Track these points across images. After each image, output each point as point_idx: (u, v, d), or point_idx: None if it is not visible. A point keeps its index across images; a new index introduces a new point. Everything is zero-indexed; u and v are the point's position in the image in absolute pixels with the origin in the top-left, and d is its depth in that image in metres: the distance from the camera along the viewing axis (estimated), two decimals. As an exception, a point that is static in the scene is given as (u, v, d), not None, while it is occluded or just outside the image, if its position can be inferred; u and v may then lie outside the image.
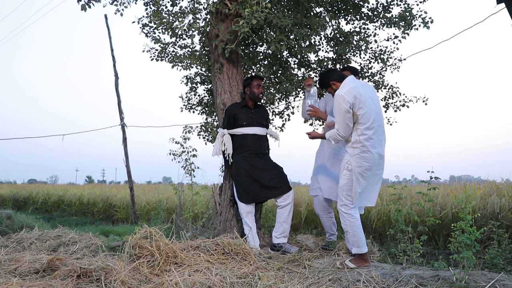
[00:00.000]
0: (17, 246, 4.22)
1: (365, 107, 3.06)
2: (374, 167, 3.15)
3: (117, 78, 9.49)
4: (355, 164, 3.11)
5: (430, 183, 3.62)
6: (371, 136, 3.09)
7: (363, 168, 3.11)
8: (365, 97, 3.08)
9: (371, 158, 3.10)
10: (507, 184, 6.21)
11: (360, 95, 3.06)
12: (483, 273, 2.74)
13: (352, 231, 3.14)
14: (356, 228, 3.13)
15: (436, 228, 5.25)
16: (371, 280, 2.78)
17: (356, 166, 3.11)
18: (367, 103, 3.08)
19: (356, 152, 3.12)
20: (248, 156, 3.92)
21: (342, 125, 3.11)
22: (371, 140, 3.10)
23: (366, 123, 3.08)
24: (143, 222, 7.21)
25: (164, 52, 5.35)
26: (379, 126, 3.16)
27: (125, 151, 9.28)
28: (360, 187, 3.15)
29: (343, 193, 3.20)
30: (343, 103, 3.04)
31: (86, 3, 3.98)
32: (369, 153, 3.09)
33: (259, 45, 5.14)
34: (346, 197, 3.18)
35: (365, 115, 3.07)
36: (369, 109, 3.08)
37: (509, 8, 3.44)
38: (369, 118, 3.08)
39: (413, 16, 4.70)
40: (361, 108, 3.05)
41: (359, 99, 3.05)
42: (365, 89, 3.16)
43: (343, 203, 3.19)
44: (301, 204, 6.98)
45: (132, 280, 2.92)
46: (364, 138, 3.09)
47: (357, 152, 3.11)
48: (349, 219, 3.16)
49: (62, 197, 13.76)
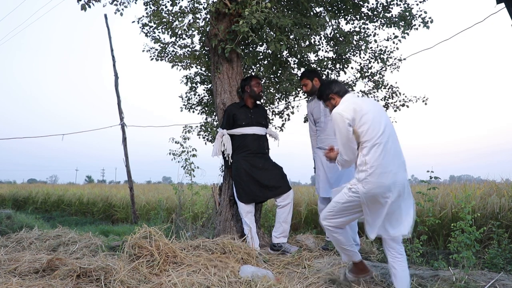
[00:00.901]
0: (17, 246, 4.21)
1: (368, 121, 2.54)
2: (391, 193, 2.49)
3: (117, 78, 9.49)
4: (363, 190, 2.51)
5: (430, 183, 3.62)
6: (381, 154, 2.50)
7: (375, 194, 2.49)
8: (366, 110, 2.57)
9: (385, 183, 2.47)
10: (507, 184, 6.20)
11: (360, 108, 2.58)
12: (482, 273, 2.74)
13: (335, 246, 2.79)
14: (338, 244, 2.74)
15: (436, 228, 5.25)
16: (371, 280, 2.78)
17: (364, 192, 2.51)
18: (371, 118, 2.56)
19: (363, 176, 2.52)
20: (247, 156, 3.91)
21: (344, 148, 2.61)
22: (380, 159, 2.49)
23: (371, 140, 2.52)
24: (142, 222, 7.21)
25: (164, 51, 5.35)
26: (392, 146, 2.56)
27: (125, 151, 9.28)
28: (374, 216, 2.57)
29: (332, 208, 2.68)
30: (341, 122, 2.57)
31: (86, 3, 3.97)
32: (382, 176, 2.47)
33: (259, 45, 5.14)
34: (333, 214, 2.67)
35: (369, 131, 2.53)
36: (374, 124, 2.54)
37: (508, 8, 3.44)
38: (374, 134, 2.53)
39: (413, 16, 4.70)
40: (364, 124, 2.54)
41: (359, 113, 2.55)
42: (367, 104, 2.66)
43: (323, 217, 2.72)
44: (301, 204, 6.98)
45: (132, 280, 2.92)
46: (372, 158, 2.50)
47: (364, 176, 2.51)
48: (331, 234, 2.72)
49: (62, 197, 13.76)
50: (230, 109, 4.04)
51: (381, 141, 2.52)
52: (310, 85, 3.96)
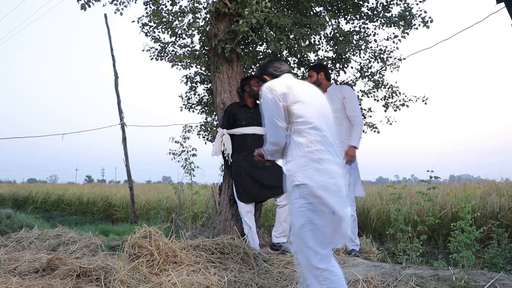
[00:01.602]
0: (17, 245, 4.21)
1: (306, 102, 2.10)
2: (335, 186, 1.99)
3: (117, 78, 9.48)
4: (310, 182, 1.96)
5: (429, 183, 3.62)
6: (320, 140, 2.04)
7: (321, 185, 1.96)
8: (305, 92, 2.15)
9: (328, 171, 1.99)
10: (507, 183, 6.22)
11: (296, 86, 2.16)
12: (482, 273, 2.74)
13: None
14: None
15: (435, 227, 5.26)
16: (371, 280, 2.78)
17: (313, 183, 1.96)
18: (309, 99, 2.13)
19: (302, 161, 2.01)
20: (247, 156, 3.91)
21: (270, 126, 2.14)
22: (320, 145, 2.03)
23: (310, 123, 2.07)
24: (142, 221, 7.21)
25: (163, 51, 5.36)
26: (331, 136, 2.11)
27: (125, 151, 9.27)
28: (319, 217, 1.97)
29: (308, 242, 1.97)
30: (270, 94, 2.12)
31: (85, 3, 3.97)
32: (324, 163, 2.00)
33: (258, 45, 5.14)
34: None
35: (306, 111, 2.08)
36: (313, 106, 2.12)
37: (508, 7, 3.44)
38: (312, 116, 2.08)
39: (413, 15, 4.70)
40: (299, 102, 2.09)
41: (293, 90, 2.12)
42: (309, 88, 2.25)
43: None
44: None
45: (132, 280, 2.92)
46: (311, 141, 2.03)
47: (303, 163, 2.01)
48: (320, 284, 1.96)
49: (62, 196, 13.77)
50: (230, 108, 4.04)
51: (319, 127, 2.07)
52: (315, 78, 3.99)
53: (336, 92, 3.92)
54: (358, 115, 3.83)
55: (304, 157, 2.01)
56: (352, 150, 3.74)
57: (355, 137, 3.78)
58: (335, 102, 3.89)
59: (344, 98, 3.86)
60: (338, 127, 3.86)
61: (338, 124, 3.87)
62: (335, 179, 1.98)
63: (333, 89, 3.97)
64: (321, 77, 3.99)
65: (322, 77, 3.99)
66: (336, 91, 3.92)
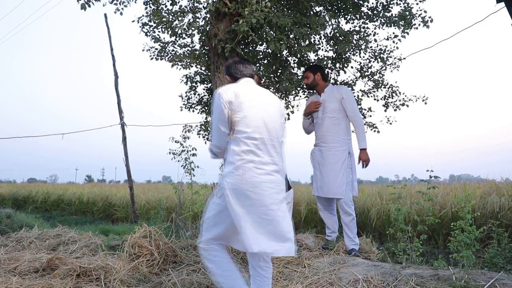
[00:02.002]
0: (17, 245, 4.22)
1: (248, 111, 2.21)
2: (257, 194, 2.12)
3: (117, 77, 9.48)
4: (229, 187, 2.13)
5: (429, 182, 3.62)
6: (248, 151, 2.17)
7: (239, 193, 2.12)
8: (251, 100, 2.25)
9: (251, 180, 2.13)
10: (507, 183, 6.21)
11: (244, 94, 2.25)
12: (482, 272, 2.74)
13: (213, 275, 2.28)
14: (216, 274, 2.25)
15: (435, 227, 5.26)
16: (370, 279, 2.78)
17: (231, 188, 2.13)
18: (252, 109, 2.23)
19: (230, 168, 2.17)
20: (247, 155, 3.91)
21: (214, 130, 2.28)
22: (247, 154, 2.16)
23: (245, 132, 2.20)
24: (142, 221, 7.20)
25: (163, 51, 5.36)
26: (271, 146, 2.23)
27: (125, 150, 9.27)
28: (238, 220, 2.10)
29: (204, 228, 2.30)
30: (217, 100, 2.24)
31: (85, 2, 3.97)
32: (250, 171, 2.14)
33: (258, 44, 5.14)
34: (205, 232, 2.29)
35: (245, 121, 2.21)
36: (253, 116, 2.22)
37: (508, 7, 3.44)
38: (251, 126, 2.20)
39: (413, 15, 4.70)
40: (241, 111, 2.21)
41: (239, 98, 2.22)
42: (259, 96, 2.32)
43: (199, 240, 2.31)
44: (301, 203, 6.98)
45: (132, 279, 2.92)
46: (243, 150, 2.17)
47: (231, 169, 2.16)
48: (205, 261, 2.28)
49: (62, 196, 13.76)
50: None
51: (256, 137, 2.19)
52: (311, 79, 4.01)
53: (334, 92, 3.93)
54: (358, 115, 3.85)
55: (233, 164, 2.17)
56: (364, 153, 3.76)
57: (361, 138, 3.79)
58: (333, 102, 3.90)
59: (343, 98, 3.87)
60: (336, 127, 3.88)
61: (336, 124, 3.88)
62: (256, 188, 2.13)
63: (330, 89, 3.98)
64: (318, 77, 4.00)
65: (319, 77, 4.00)
66: (334, 91, 3.93)
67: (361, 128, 3.82)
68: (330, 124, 3.89)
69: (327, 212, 4.05)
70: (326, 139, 3.89)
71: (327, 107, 3.92)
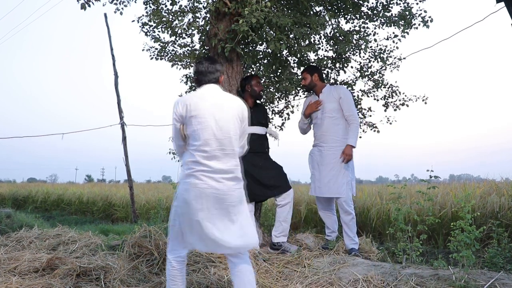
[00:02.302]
0: (17, 245, 4.22)
1: (196, 125, 2.28)
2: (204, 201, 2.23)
3: (117, 77, 9.47)
4: (180, 192, 2.29)
5: (429, 182, 3.62)
6: (199, 160, 2.26)
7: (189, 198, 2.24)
8: (201, 111, 2.28)
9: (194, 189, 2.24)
10: (507, 183, 6.21)
11: (195, 108, 2.28)
12: (482, 272, 2.74)
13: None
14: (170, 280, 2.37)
15: (435, 227, 5.26)
16: (370, 279, 2.78)
17: (181, 194, 2.28)
18: (203, 120, 2.27)
19: (182, 176, 2.32)
20: (247, 155, 3.90)
21: (173, 139, 2.46)
22: (196, 165, 2.26)
23: (194, 145, 2.29)
24: (142, 221, 7.20)
25: (163, 51, 5.35)
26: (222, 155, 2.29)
27: (125, 150, 9.26)
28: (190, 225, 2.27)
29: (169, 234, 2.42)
30: (173, 112, 2.35)
31: (85, 2, 3.96)
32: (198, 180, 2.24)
33: (258, 44, 5.14)
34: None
35: (194, 135, 2.30)
36: (202, 129, 2.27)
37: (508, 7, 3.44)
38: (200, 139, 2.27)
39: (413, 15, 4.70)
40: (191, 124, 2.29)
41: (191, 112, 2.28)
42: (216, 103, 2.33)
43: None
44: (301, 203, 6.98)
45: (131, 279, 2.92)
46: (193, 161, 2.28)
47: (182, 177, 2.31)
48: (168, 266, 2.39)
49: (62, 196, 13.76)
50: (230, 108, 4.04)
51: (207, 148, 2.27)
52: (309, 80, 4.04)
53: (332, 92, 3.95)
54: (354, 115, 3.88)
55: (184, 172, 2.32)
56: (349, 148, 3.79)
57: (352, 136, 3.83)
58: (331, 103, 3.91)
59: (341, 98, 3.89)
60: (336, 127, 3.89)
61: (335, 124, 3.90)
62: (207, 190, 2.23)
63: (328, 89, 3.99)
64: (315, 78, 4.03)
65: (316, 78, 4.03)
66: (332, 92, 3.95)
67: (355, 127, 3.86)
68: (330, 124, 3.90)
69: (327, 211, 4.06)
70: (326, 139, 3.90)
71: (326, 107, 3.94)
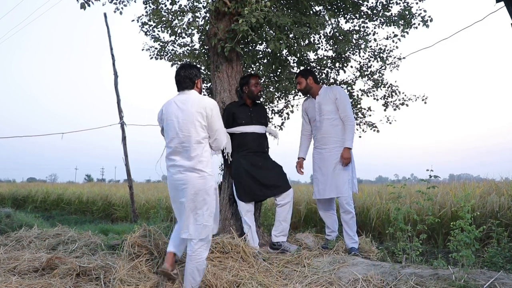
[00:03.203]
0: (16, 244, 4.21)
1: (166, 126, 2.88)
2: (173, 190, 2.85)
3: (117, 77, 9.46)
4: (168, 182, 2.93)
5: (429, 182, 3.62)
6: (168, 156, 2.88)
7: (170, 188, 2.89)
8: (169, 114, 2.85)
9: (169, 180, 2.86)
10: (506, 183, 6.22)
11: (167, 112, 2.88)
12: (482, 272, 2.74)
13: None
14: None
15: (435, 226, 5.26)
16: (370, 279, 2.78)
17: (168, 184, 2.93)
18: (170, 121, 2.84)
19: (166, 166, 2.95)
20: (247, 155, 3.91)
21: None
22: (168, 161, 2.87)
23: (167, 139, 2.89)
24: (142, 220, 7.21)
25: (163, 50, 5.36)
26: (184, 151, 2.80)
27: (125, 150, 9.26)
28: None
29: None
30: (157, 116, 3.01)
31: (85, 2, 3.96)
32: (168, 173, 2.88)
33: (258, 44, 5.14)
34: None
35: (165, 134, 2.92)
36: (168, 129, 2.85)
37: (508, 7, 3.43)
38: (168, 137, 2.86)
39: (413, 14, 4.69)
40: (163, 126, 2.93)
41: (163, 116, 2.91)
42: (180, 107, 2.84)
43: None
44: (301, 203, 6.98)
45: (131, 279, 2.92)
46: (167, 156, 2.91)
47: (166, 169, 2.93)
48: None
49: (61, 195, 13.75)
50: (229, 107, 4.04)
51: (171, 145, 2.83)
52: (304, 84, 4.05)
53: (328, 93, 3.95)
54: (350, 116, 3.87)
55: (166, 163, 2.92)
56: (347, 151, 3.79)
57: (348, 138, 3.83)
58: (328, 104, 3.91)
59: (337, 99, 3.89)
60: (335, 128, 3.90)
61: (334, 125, 3.90)
62: (176, 182, 2.79)
63: (324, 91, 4.00)
64: (310, 81, 4.04)
65: (311, 81, 4.04)
66: (328, 93, 3.95)
67: (351, 128, 3.85)
68: (329, 126, 3.91)
69: (327, 211, 4.06)
70: (326, 141, 3.91)
71: (323, 109, 3.94)
